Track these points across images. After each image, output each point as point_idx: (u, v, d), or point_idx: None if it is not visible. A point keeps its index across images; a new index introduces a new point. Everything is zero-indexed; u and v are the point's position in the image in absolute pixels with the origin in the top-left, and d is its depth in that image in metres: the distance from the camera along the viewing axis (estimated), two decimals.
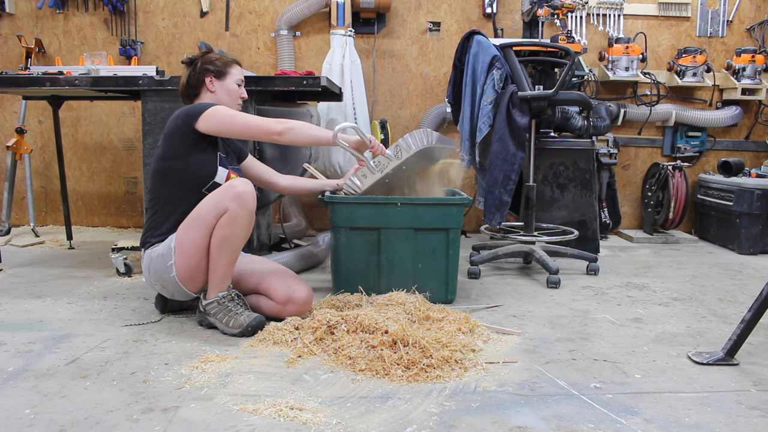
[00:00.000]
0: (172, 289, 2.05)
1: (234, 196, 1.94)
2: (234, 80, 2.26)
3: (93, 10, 3.94)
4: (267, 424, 1.39)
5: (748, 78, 3.94)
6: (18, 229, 3.86)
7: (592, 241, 3.43)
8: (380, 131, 3.77)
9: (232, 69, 2.26)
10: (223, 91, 2.24)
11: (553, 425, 1.41)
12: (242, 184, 1.97)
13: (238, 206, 1.93)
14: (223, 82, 2.23)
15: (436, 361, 1.71)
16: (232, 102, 2.26)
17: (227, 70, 2.24)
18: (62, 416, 1.42)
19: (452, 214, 2.32)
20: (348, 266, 2.32)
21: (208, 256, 1.98)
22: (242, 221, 1.95)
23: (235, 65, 2.28)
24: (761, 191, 3.52)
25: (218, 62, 2.24)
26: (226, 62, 2.25)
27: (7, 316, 2.17)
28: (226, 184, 2.02)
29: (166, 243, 2.03)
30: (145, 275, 2.11)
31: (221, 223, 1.94)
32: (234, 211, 1.93)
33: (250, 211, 1.97)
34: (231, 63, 2.26)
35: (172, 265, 1.99)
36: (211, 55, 2.28)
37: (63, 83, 2.61)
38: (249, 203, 1.96)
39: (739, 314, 2.23)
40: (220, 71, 2.23)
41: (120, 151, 4.06)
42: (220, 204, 1.94)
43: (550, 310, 2.34)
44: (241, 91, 2.28)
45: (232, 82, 2.25)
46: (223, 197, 1.95)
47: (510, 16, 3.98)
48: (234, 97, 2.26)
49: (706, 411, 1.50)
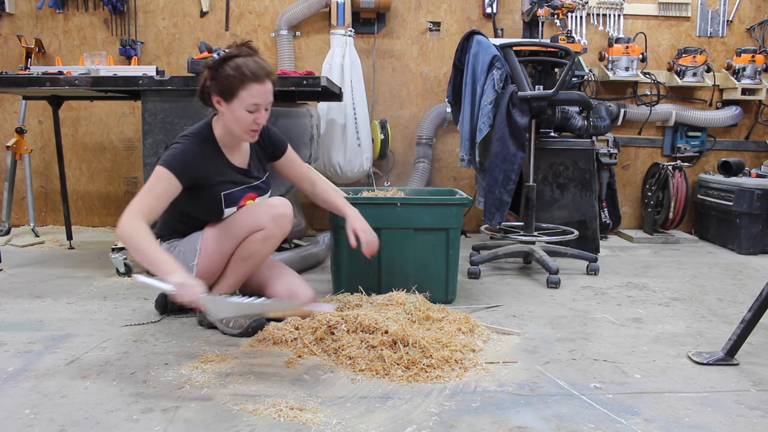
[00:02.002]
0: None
1: (273, 217, 1.92)
2: (243, 105, 1.82)
3: (93, 10, 3.94)
4: (267, 424, 1.39)
5: (748, 78, 3.94)
6: (18, 229, 3.86)
7: (592, 241, 3.43)
8: (380, 131, 3.78)
9: (242, 91, 1.80)
10: (230, 115, 1.86)
11: (553, 425, 1.41)
12: (283, 206, 1.94)
13: (275, 227, 1.92)
14: (230, 106, 1.83)
15: (436, 361, 1.71)
16: (240, 131, 1.87)
17: (237, 91, 1.80)
18: (62, 416, 1.42)
19: (452, 214, 2.32)
20: (348, 266, 2.32)
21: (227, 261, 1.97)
22: (274, 241, 1.96)
23: (252, 85, 1.80)
24: (761, 191, 3.52)
25: (229, 79, 1.80)
26: (241, 80, 1.79)
27: (7, 316, 2.17)
28: (268, 202, 1.96)
29: (190, 242, 1.99)
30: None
31: (254, 238, 1.93)
32: (270, 231, 1.92)
33: (285, 234, 1.97)
34: (246, 82, 1.79)
35: (194, 266, 1.97)
36: (235, 61, 1.80)
37: (63, 83, 2.61)
38: (286, 226, 1.95)
39: (739, 314, 2.23)
40: (227, 92, 1.82)
41: (120, 151, 4.06)
42: (257, 221, 1.93)
43: (550, 310, 2.34)
44: (254, 117, 1.84)
45: (241, 108, 1.82)
46: (262, 215, 1.93)
47: (510, 16, 3.98)
48: (243, 125, 1.85)
49: (706, 411, 1.50)
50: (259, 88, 1.82)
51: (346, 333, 1.84)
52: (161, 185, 1.81)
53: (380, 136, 3.76)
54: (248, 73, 1.79)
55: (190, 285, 1.63)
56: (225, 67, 1.81)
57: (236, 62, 1.81)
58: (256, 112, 1.84)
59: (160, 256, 1.69)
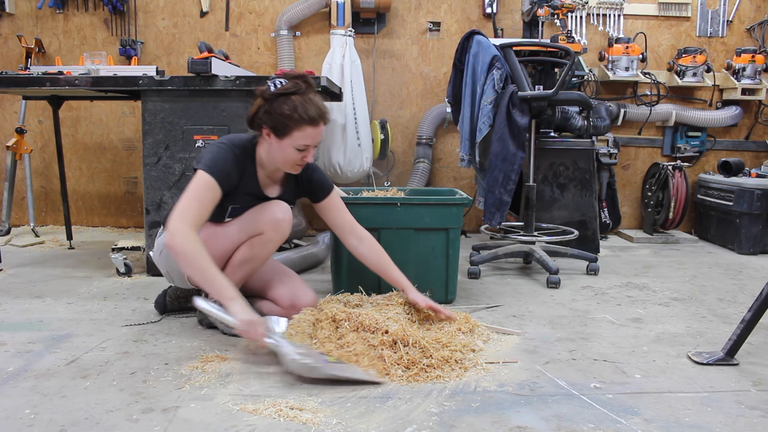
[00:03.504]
0: (175, 277, 2.03)
1: (272, 222, 1.91)
2: (294, 145, 1.82)
3: (93, 10, 3.94)
4: (267, 424, 1.39)
5: (748, 78, 3.94)
6: (18, 229, 3.86)
7: (592, 241, 3.43)
8: (380, 131, 3.78)
9: (296, 132, 1.80)
10: (278, 150, 1.85)
11: (553, 425, 1.41)
12: (282, 211, 1.93)
13: (273, 232, 1.92)
14: (281, 142, 1.83)
15: (436, 361, 1.71)
16: (285, 165, 1.89)
17: (291, 132, 1.80)
18: (62, 416, 1.42)
19: (452, 214, 2.32)
20: (348, 266, 2.32)
21: (225, 262, 1.96)
22: (273, 246, 1.96)
23: (307, 128, 1.80)
24: (761, 191, 3.52)
25: (284, 118, 1.79)
26: (297, 122, 1.79)
27: (7, 316, 2.17)
28: (267, 206, 1.94)
29: None
30: (154, 253, 2.06)
31: (252, 242, 1.93)
32: (268, 236, 1.92)
33: (284, 238, 1.96)
34: (301, 124, 1.79)
35: None
36: (293, 100, 1.78)
37: (63, 83, 2.61)
38: (284, 231, 1.94)
39: (739, 314, 2.23)
40: (280, 129, 1.81)
41: (120, 151, 4.06)
42: (256, 224, 1.92)
43: (550, 310, 2.34)
44: (303, 155, 1.85)
45: (291, 147, 1.83)
46: (261, 220, 1.92)
47: (510, 16, 3.98)
48: (289, 161, 1.86)
49: (706, 411, 1.50)
50: (313, 131, 1.82)
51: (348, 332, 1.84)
52: (209, 194, 1.78)
53: (380, 136, 3.76)
54: (306, 116, 1.79)
55: (255, 323, 1.67)
56: (281, 105, 1.79)
57: (294, 102, 1.79)
58: (305, 151, 1.85)
59: (221, 280, 1.70)
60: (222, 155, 1.83)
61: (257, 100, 1.86)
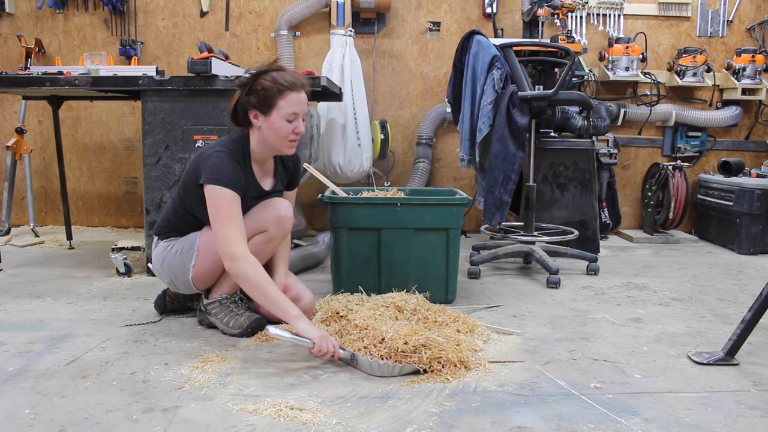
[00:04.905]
0: (180, 285, 2.03)
1: (276, 220, 1.94)
2: (282, 115, 1.84)
3: (93, 10, 3.94)
4: (267, 424, 1.39)
5: (748, 78, 3.94)
6: (18, 229, 3.86)
7: (592, 241, 3.43)
8: (380, 131, 3.77)
9: (281, 100, 1.83)
10: (268, 128, 1.87)
11: (553, 425, 1.41)
12: (284, 208, 1.96)
13: (277, 229, 1.95)
14: (269, 118, 1.85)
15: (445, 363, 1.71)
16: (280, 142, 1.89)
17: (276, 101, 1.83)
18: (62, 416, 1.42)
19: (452, 214, 2.32)
20: (348, 266, 2.32)
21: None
22: (276, 243, 1.99)
23: (290, 93, 1.84)
24: (761, 191, 3.52)
25: (266, 90, 1.83)
26: (278, 89, 1.83)
27: (7, 316, 2.17)
28: (269, 204, 1.96)
29: (188, 241, 1.98)
30: (155, 265, 2.06)
31: (256, 241, 1.94)
32: (272, 233, 1.95)
33: (286, 235, 2.00)
34: (283, 91, 1.83)
35: (192, 267, 1.96)
36: (270, 74, 1.84)
37: (63, 83, 2.61)
38: (287, 228, 1.98)
39: (739, 314, 2.23)
40: (264, 104, 1.84)
41: (120, 151, 4.06)
42: (260, 223, 1.94)
43: (550, 310, 2.34)
44: (293, 126, 1.87)
45: (280, 118, 1.84)
46: (264, 218, 1.94)
47: (510, 16, 3.98)
48: (282, 136, 1.87)
49: (706, 411, 1.50)
50: (296, 96, 1.86)
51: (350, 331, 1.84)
52: (236, 207, 1.83)
53: (380, 136, 3.76)
54: (285, 83, 1.84)
55: (328, 337, 1.71)
56: (260, 81, 1.85)
57: (271, 75, 1.85)
58: (294, 121, 1.87)
59: (284, 300, 1.78)
60: (227, 164, 1.85)
61: (236, 93, 1.91)
